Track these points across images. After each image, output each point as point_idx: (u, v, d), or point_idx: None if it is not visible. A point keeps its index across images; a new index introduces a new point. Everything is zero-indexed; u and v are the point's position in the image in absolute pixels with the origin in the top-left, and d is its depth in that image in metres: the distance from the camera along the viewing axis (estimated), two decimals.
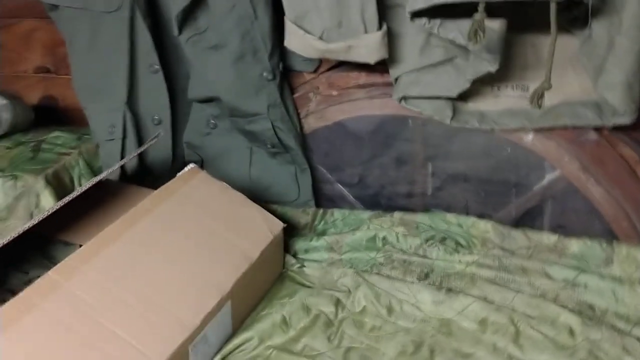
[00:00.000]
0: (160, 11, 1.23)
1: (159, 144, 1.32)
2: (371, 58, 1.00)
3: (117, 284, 0.86)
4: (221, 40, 1.14)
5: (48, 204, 1.17)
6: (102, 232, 0.92)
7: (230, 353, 0.94)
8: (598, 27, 0.92)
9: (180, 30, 1.15)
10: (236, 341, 0.96)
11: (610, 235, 1.11)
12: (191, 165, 1.12)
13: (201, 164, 1.37)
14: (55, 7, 1.23)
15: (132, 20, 1.21)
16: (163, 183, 1.28)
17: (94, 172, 1.34)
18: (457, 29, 0.92)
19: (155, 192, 1.04)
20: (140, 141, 1.31)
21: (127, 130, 1.29)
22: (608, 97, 0.97)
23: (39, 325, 0.77)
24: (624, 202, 1.08)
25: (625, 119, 0.98)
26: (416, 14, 0.90)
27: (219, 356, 0.93)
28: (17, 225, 1.11)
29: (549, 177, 1.13)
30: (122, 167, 1.33)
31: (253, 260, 1.00)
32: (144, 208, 0.99)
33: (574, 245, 1.08)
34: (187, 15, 1.13)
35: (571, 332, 0.92)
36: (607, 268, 1.04)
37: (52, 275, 0.84)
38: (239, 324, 0.99)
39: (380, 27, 0.98)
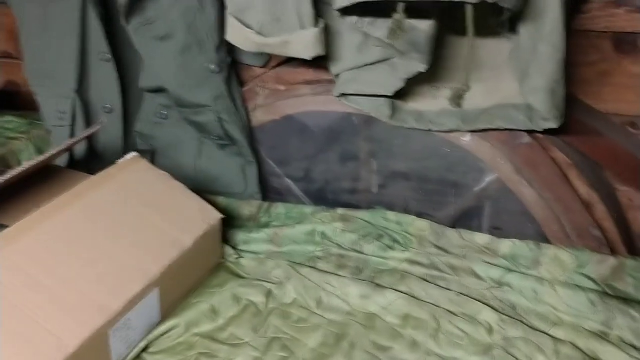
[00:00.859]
0: None
1: (110, 133, 1.34)
2: (307, 54, 1.02)
3: (38, 267, 0.86)
4: (168, 31, 1.16)
5: None
6: (30, 215, 0.93)
7: (155, 339, 0.96)
8: (524, 33, 0.94)
9: (128, 20, 1.15)
10: (162, 328, 0.97)
11: (542, 238, 1.13)
12: (133, 154, 1.13)
13: (152, 154, 1.38)
14: None
15: (84, 8, 1.22)
16: None
17: None
18: (386, 28, 0.94)
19: (92, 177, 1.05)
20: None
21: (77, 118, 1.30)
22: (532, 102, 0.99)
23: None
24: (554, 205, 1.10)
25: (551, 124, 1.00)
26: (345, 12, 0.92)
27: (144, 342, 0.94)
28: None
29: (486, 179, 1.15)
30: (71, 154, 1.33)
31: (185, 249, 1.01)
32: (77, 192, 1.00)
33: (505, 246, 1.10)
34: (135, 5, 1.14)
35: (489, 330, 0.94)
36: (534, 269, 1.06)
37: None
38: (168, 312, 1.00)
39: (316, 23, 1.00)
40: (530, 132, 1.08)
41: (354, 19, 0.94)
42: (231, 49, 1.21)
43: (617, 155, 1.13)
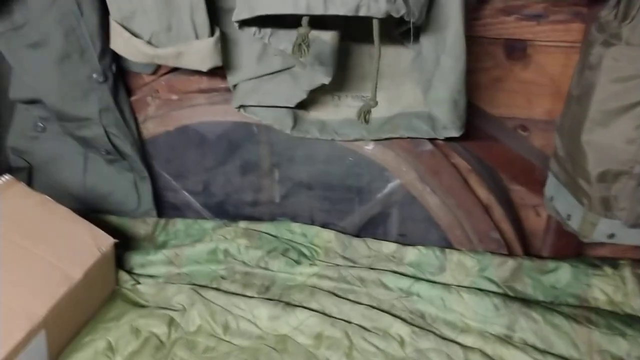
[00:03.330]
0: None
1: None
2: (203, 65, 0.95)
3: None
4: (42, 38, 1.03)
5: None
6: None
7: None
8: (426, 44, 0.94)
9: None
10: None
11: (446, 242, 1.15)
12: (5, 177, 1.00)
13: (29, 171, 1.25)
14: None
15: None
16: None
17: None
18: (288, 40, 0.89)
19: None
20: None
21: None
22: (435, 112, 0.99)
23: None
24: (456, 210, 1.12)
25: (453, 133, 1.02)
26: (244, 23, 0.86)
27: None
28: None
29: (389, 185, 1.15)
30: None
31: (74, 282, 0.92)
32: None
33: (411, 253, 1.11)
34: (0, 8, 1.01)
35: (402, 343, 0.94)
36: (440, 275, 1.08)
37: None
38: (57, 354, 0.90)
39: (212, 33, 0.93)
40: (432, 140, 1.09)
41: (252, 30, 0.88)
42: (117, 56, 1.10)
43: (510, 158, 1.17)
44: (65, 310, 0.90)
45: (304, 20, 0.77)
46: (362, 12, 0.75)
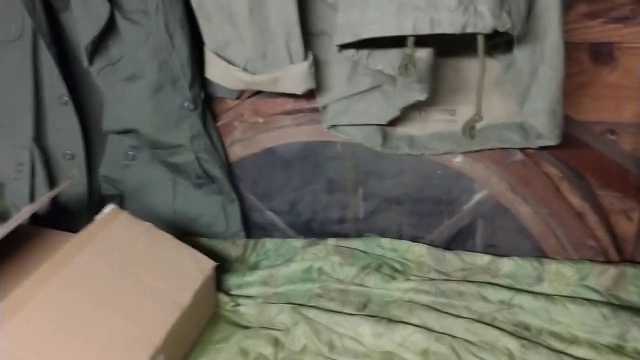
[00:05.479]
0: (66, 38, 1.14)
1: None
2: (298, 89, 0.97)
3: (35, 350, 0.78)
4: (137, 71, 1.07)
5: None
6: (18, 289, 0.83)
7: None
8: (521, 56, 0.94)
9: (91, 61, 1.06)
10: None
11: (538, 252, 1.13)
12: (111, 206, 1.04)
13: (120, 199, 1.29)
14: None
15: (35, 50, 1.11)
16: (79, 221, 1.19)
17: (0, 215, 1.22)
18: (385, 60, 0.90)
19: (73, 238, 0.95)
20: (51, 179, 1.21)
21: (36, 168, 1.19)
22: (533, 123, 0.99)
23: None
24: (550, 220, 1.11)
25: (550, 142, 1.01)
26: (344, 46, 0.88)
27: None
28: None
29: (476, 197, 1.14)
30: None
31: (185, 306, 0.94)
32: (62, 258, 0.91)
33: (506, 265, 1.10)
34: (98, 45, 1.05)
35: (511, 356, 0.93)
36: (539, 286, 1.06)
37: None
38: None
39: (306, 57, 0.95)
40: (522, 150, 1.08)
41: (351, 52, 0.90)
42: (203, 83, 1.14)
43: (599, 162, 1.15)
44: (178, 334, 0.92)
45: (410, 41, 0.78)
46: (469, 30, 0.76)
